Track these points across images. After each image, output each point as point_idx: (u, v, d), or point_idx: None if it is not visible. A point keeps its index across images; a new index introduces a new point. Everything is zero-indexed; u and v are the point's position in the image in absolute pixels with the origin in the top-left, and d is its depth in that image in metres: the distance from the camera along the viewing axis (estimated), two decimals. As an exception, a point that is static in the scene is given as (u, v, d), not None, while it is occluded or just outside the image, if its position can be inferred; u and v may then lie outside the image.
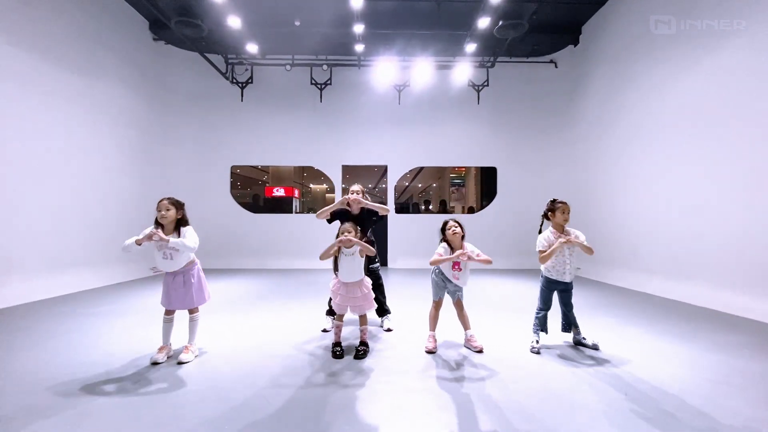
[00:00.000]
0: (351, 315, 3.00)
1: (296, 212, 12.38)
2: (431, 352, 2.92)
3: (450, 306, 3.13)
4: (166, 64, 8.22)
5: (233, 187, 8.99)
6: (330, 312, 3.51)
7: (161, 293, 2.83)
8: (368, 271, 3.03)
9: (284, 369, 2.59)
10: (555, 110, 8.73)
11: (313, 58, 8.67)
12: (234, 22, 6.55)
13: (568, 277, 3.01)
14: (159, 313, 2.83)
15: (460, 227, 2.95)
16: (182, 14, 6.17)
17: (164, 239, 2.60)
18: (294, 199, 12.73)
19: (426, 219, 9.10)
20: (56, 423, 1.87)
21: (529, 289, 5.73)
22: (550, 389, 2.28)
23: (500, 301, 4.95)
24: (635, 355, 2.88)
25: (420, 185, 18.81)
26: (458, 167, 13.05)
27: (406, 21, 7.48)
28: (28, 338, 3.25)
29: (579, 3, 7.15)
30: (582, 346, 3.07)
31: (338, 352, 2.84)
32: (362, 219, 3.52)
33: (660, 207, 5.63)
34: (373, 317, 3.74)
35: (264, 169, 14.60)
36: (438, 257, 2.93)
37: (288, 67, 8.58)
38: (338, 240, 2.81)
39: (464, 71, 8.56)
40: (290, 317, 4.08)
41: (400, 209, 9.87)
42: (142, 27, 7.58)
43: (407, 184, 17.18)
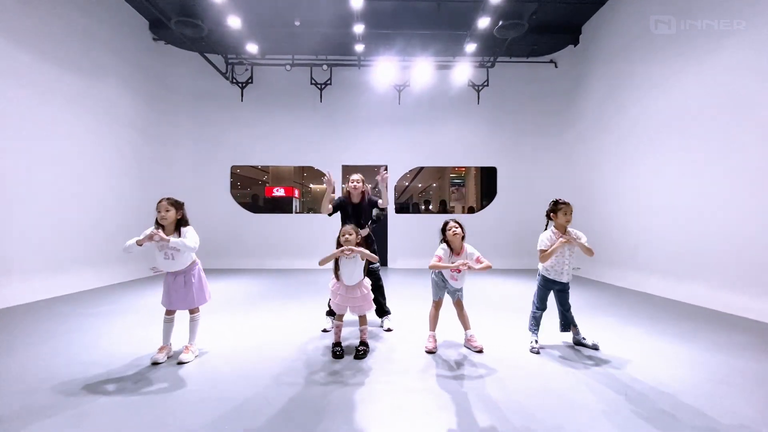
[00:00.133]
0: (351, 315, 3.01)
1: (296, 212, 12.38)
2: (431, 352, 2.93)
3: (450, 306, 3.14)
4: (166, 64, 8.22)
5: (233, 187, 8.99)
6: (330, 312, 3.51)
7: (162, 293, 2.83)
8: (368, 272, 3.03)
9: (284, 369, 2.59)
10: (555, 110, 8.73)
11: (313, 58, 8.67)
12: (234, 22, 6.56)
13: (566, 278, 3.01)
14: (159, 313, 2.83)
15: (461, 228, 2.95)
16: (182, 14, 6.17)
17: (165, 239, 2.60)
18: (294, 199, 12.72)
19: (426, 219, 9.10)
20: (56, 423, 1.87)
21: (529, 289, 5.70)
22: (550, 389, 2.28)
23: (500, 301, 4.95)
24: (635, 355, 2.88)
25: (420, 185, 18.80)
26: (458, 167, 13.05)
27: (406, 21, 7.48)
28: (28, 338, 3.25)
29: (579, 3, 7.15)
30: (582, 346, 3.07)
31: (338, 352, 2.84)
32: (363, 210, 3.52)
33: (660, 207, 5.63)
34: (373, 317, 3.74)
35: (264, 169, 14.60)
36: (437, 262, 2.92)
37: (288, 67, 8.58)
38: (339, 250, 2.82)
39: (464, 71, 8.56)
40: (290, 317, 4.08)
41: (400, 209, 9.86)
42: (142, 27, 7.58)
43: (407, 184, 17.17)
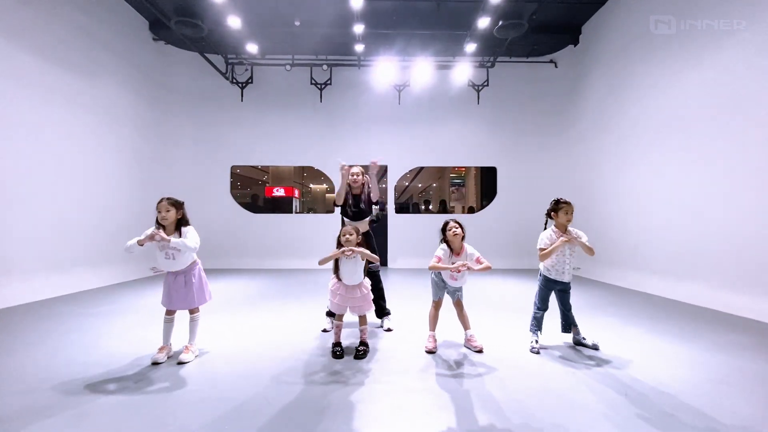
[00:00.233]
0: (351, 315, 3.00)
1: (296, 212, 12.38)
2: (431, 352, 2.92)
3: (450, 306, 3.14)
4: (166, 64, 8.22)
5: (233, 187, 8.99)
6: (330, 313, 3.51)
7: (162, 293, 2.83)
8: (367, 272, 3.03)
9: (284, 369, 2.59)
10: (555, 110, 8.73)
11: (313, 58, 8.67)
12: (234, 22, 6.55)
13: (567, 277, 3.01)
14: (159, 313, 2.83)
15: (461, 228, 2.95)
16: (182, 14, 6.17)
17: (166, 239, 2.60)
18: (294, 199, 12.72)
19: (426, 219, 9.10)
20: (56, 423, 1.87)
21: (529, 289, 5.73)
22: (550, 389, 2.28)
23: (500, 301, 4.95)
24: (635, 355, 2.88)
25: (420, 185, 18.80)
26: (458, 167, 13.05)
27: (406, 21, 7.48)
28: (28, 338, 3.25)
29: (579, 3, 7.15)
30: (582, 346, 3.07)
31: (338, 352, 2.84)
32: (362, 201, 3.57)
33: (660, 207, 5.63)
34: (374, 318, 3.74)
35: (264, 169, 14.60)
36: (437, 263, 2.92)
37: (288, 67, 8.58)
38: (340, 250, 2.82)
39: (464, 71, 8.56)
40: (290, 317, 4.08)
41: (400, 209, 9.85)
42: (142, 27, 7.58)
43: (407, 184, 17.18)
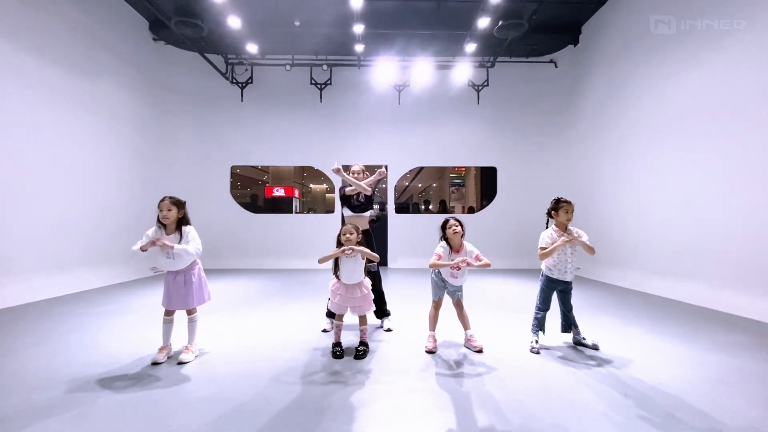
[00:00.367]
0: (351, 315, 3.00)
1: (296, 212, 12.38)
2: (431, 352, 2.93)
3: (450, 306, 3.14)
4: (166, 64, 8.21)
5: (233, 187, 8.99)
6: (330, 314, 3.51)
7: (162, 294, 2.83)
8: (367, 273, 3.03)
9: (284, 369, 2.59)
10: (555, 110, 8.73)
11: (313, 58, 8.67)
12: (234, 22, 6.56)
13: (569, 276, 3.01)
14: (159, 313, 2.83)
15: (461, 226, 2.96)
16: (182, 14, 6.17)
17: (169, 246, 2.61)
18: (294, 199, 12.72)
19: (426, 219, 9.09)
20: (56, 423, 1.87)
21: (529, 289, 5.73)
22: (550, 389, 2.28)
23: (500, 301, 4.95)
24: (635, 355, 2.88)
25: (420, 185, 18.79)
26: (458, 167, 13.05)
27: (406, 21, 7.48)
28: (28, 338, 3.25)
29: (579, 3, 7.15)
30: (582, 346, 3.07)
31: (338, 352, 2.84)
32: (362, 198, 3.58)
33: (660, 207, 5.63)
34: (374, 318, 3.73)
35: (264, 169, 14.60)
36: (437, 260, 2.93)
37: (288, 67, 8.58)
38: (340, 249, 2.82)
39: (464, 71, 8.56)
40: (290, 317, 4.08)
41: (400, 209, 9.86)
42: (142, 27, 7.57)
43: (407, 184, 17.17)
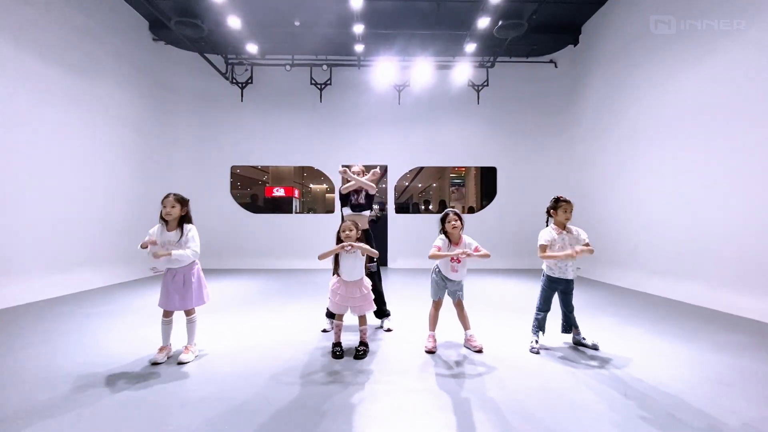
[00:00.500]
0: (350, 315, 3.00)
1: (296, 212, 12.38)
2: (431, 352, 2.93)
3: (450, 306, 3.14)
4: (166, 65, 8.21)
5: (233, 187, 8.99)
6: (330, 314, 3.51)
7: (159, 295, 2.81)
8: (367, 272, 3.03)
9: (284, 369, 2.59)
10: (555, 110, 8.73)
11: (313, 58, 8.67)
12: (234, 22, 6.56)
13: (571, 274, 3.01)
14: (159, 313, 2.82)
15: (460, 220, 2.97)
16: (182, 14, 6.18)
17: (166, 255, 2.62)
18: (294, 199, 12.72)
19: (426, 219, 9.10)
20: (56, 423, 1.87)
21: (529, 289, 5.73)
22: (550, 389, 2.28)
23: (500, 301, 4.95)
24: (635, 355, 2.88)
25: (420, 185, 18.79)
26: (458, 167, 13.05)
27: (406, 21, 7.48)
28: (28, 338, 3.25)
29: (579, 3, 7.15)
30: (582, 346, 3.07)
31: (338, 352, 2.84)
32: (363, 197, 3.57)
33: (660, 206, 5.63)
34: (374, 318, 3.73)
35: (264, 169, 14.60)
36: (437, 252, 2.94)
37: (288, 67, 8.58)
38: (340, 246, 2.83)
39: (464, 71, 8.56)
40: (290, 317, 4.08)
41: (400, 209, 9.86)
42: (142, 27, 7.57)
43: (407, 184, 17.17)
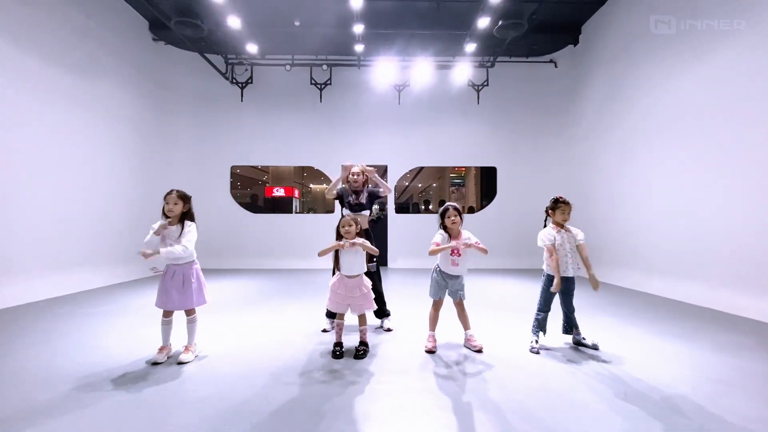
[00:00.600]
0: (351, 316, 3.00)
1: (296, 212, 12.37)
2: (431, 352, 2.93)
3: (450, 306, 3.14)
4: (166, 65, 8.21)
5: (233, 187, 8.99)
6: (330, 314, 3.51)
7: (156, 295, 2.78)
8: (367, 272, 3.02)
9: (284, 369, 2.59)
10: (555, 110, 8.73)
11: (313, 58, 8.67)
12: (234, 22, 6.55)
13: (571, 272, 3.02)
14: (159, 313, 2.82)
15: (459, 216, 2.98)
16: (182, 14, 6.17)
17: (154, 254, 2.62)
18: (294, 199, 12.71)
19: (426, 219, 9.09)
20: (56, 423, 1.87)
21: (529, 289, 5.73)
22: (550, 389, 2.28)
23: (500, 301, 4.95)
24: (635, 355, 2.88)
25: (420, 185, 18.78)
26: (458, 167, 13.05)
27: (406, 21, 7.48)
28: (28, 338, 3.25)
29: (579, 3, 7.15)
30: (582, 346, 3.07)
31: (338, 352, 2.84)
32: (364, 197, 3.57)
33: (660, 207, 5.63)
34: (373, 318, 3.73)
35: (264, 169, 14.59)
36: (436, 247, 2.94)
37: (288, 67, 8.58)
38: (339, 243, 2.83)
39: (464, 71, 8.56)
40: (290, 317, 4.08)
41: (400, 209, 9.86)
42: (142, 27, 7.58)
43: (407, 184, 17.15)
